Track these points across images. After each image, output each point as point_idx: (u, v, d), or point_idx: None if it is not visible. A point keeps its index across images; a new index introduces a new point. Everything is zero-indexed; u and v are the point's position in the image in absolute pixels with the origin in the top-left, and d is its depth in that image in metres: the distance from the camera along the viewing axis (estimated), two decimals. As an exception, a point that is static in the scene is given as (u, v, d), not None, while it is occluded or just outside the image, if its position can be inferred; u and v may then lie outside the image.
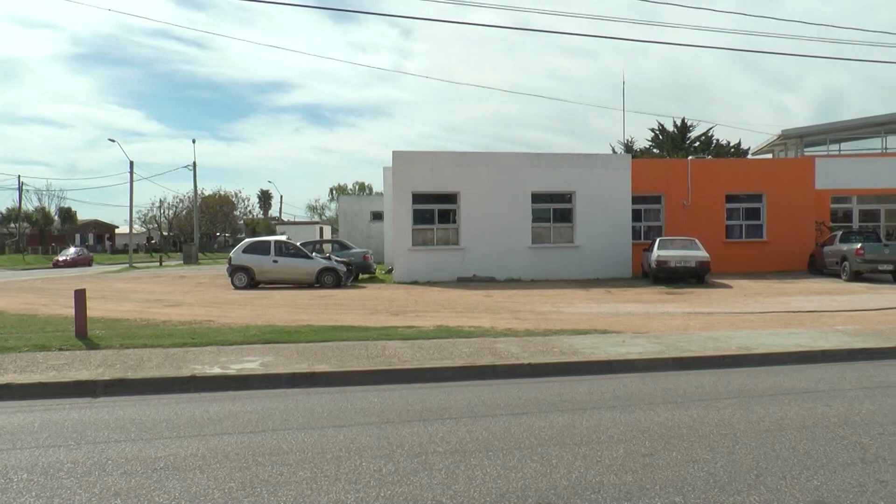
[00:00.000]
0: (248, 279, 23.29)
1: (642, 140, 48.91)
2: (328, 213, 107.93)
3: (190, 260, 52.50)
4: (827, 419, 6.67)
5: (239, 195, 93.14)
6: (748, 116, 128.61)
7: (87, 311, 12.24)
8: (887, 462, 5.38)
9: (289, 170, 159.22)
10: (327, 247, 30.45)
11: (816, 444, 5.84)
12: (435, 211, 25.74)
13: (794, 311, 15.11)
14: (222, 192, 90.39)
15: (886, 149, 37.77)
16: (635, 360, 9.62)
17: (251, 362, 9.40)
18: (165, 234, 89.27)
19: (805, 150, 38.01)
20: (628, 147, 47.19)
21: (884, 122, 37.46)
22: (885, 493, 4.74)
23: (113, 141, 73.80)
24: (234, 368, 9.02)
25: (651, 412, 7.03)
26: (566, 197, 26.58)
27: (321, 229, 56.25)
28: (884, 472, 5.15)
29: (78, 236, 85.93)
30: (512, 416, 6.95)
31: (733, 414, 6.91)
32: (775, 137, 40.06)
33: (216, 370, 8.91)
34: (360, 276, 27.34)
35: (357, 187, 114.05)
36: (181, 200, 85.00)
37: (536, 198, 26.23)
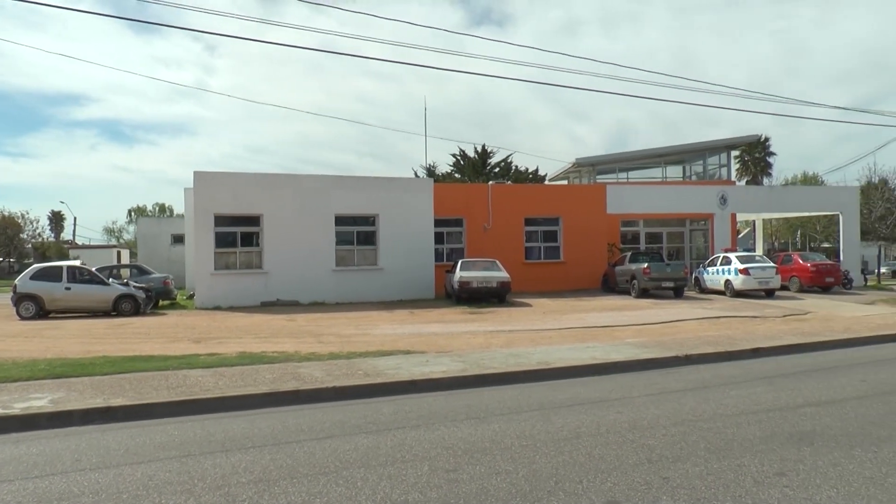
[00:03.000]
0: (36, 308, 21.36)
1: (444, 165, 50.35)
2: (126, 236, 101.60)
3: (-33, 289, 47.40)
4: (619, 425, 7.05)
5: (26, 216, 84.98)
6: (545, 145, 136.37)
7: None
8: (669, 460, 5.78)
9: (84, 189, 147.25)
10: (125, 272, 28.61)
11: (609, 449, 6.14)
12: (238, 234, 24.87)
13: (589, 327, 16.00)
14: (7, 213, 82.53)
15: (666, 177, 41.24)
16: (439, 378, 9.71)
17: (39, 400, 8.50)
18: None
19: (597, 177, 40.50)
20: (431, 171, 48.23)
21: (664, 154, 40.91)
22: (668, 487, 5.11)
23: None
24: (18, 407, 8.10)
25: (454, 428, 7.08)
26: (370, 220, 26.65)
27: (119, 253, 52.49)
28: (667, 469, 5.52)
29: None
30: (317, 440, 6.75)
31: (534, 425, 7.11)
32: (570, 165, 42.36)
33: (-4, 410, 7.96)
34: (161, 302, 25.92)
35: (157, 209, 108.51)
36: (-42, 222, 76.67)
37: (340, 220, 26.07)
